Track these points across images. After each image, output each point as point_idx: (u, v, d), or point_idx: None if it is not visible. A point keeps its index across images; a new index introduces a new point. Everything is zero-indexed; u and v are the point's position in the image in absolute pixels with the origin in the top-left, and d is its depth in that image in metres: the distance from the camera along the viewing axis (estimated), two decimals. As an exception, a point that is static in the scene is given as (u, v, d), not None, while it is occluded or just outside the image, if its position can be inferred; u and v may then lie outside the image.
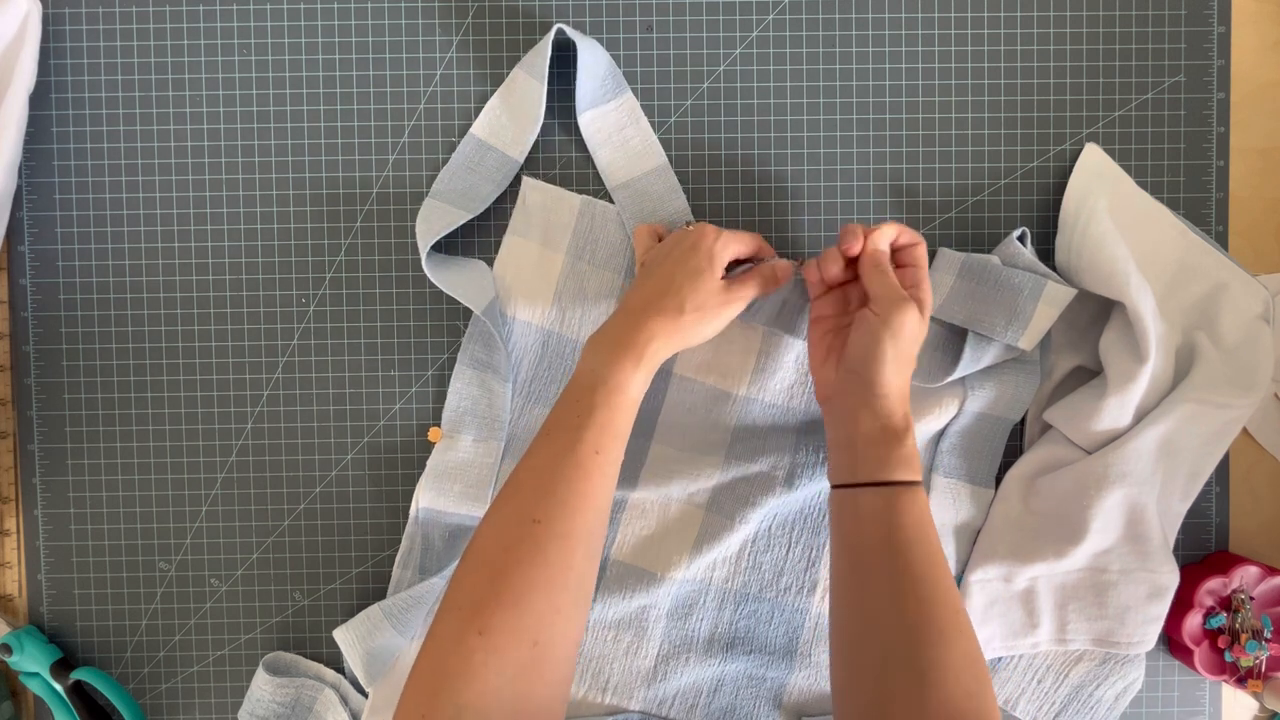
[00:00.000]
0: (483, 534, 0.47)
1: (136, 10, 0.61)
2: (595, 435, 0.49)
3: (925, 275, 0.54)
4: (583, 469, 0.48)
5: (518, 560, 0.45)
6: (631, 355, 0.51)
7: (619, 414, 0.51)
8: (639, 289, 0.54)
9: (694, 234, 0.55)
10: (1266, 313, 0.60)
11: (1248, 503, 0.63)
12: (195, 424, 0.62)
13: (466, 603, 0.44)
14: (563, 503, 0.47)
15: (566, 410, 0.51)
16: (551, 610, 0.45)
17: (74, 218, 0.62)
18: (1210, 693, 0.63)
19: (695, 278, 0.53)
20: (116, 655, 0.63)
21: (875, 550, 0.49)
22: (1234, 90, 0.61)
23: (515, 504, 0.48)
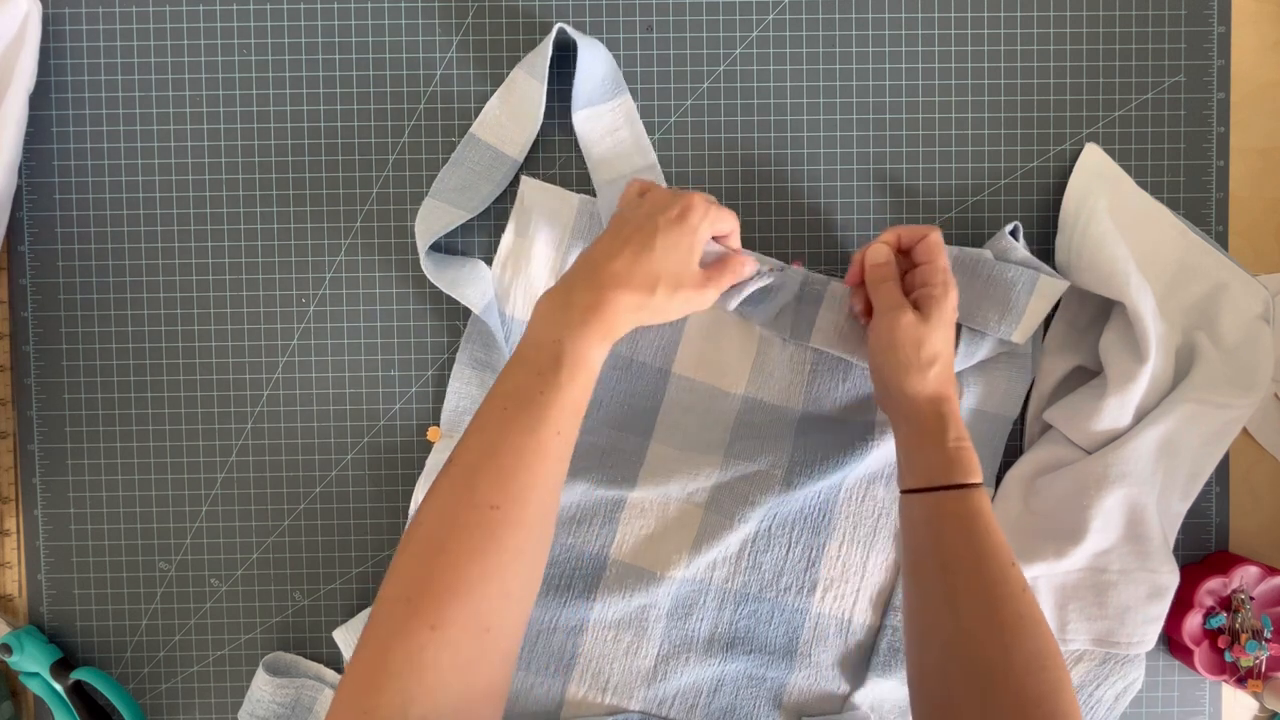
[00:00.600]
0: (431, 519, 0.44)
1: (136, 10, 0.61)
2: (558, 415, 0.46)
3: (937, 268, 0.53)
4: (543, 451, 0.45)
5: (472, 549, 0.42)
6: (600, 328, 0.48)
7: (583, 390, 0.47)
8: (611, 250, 0.50)
9: (681, 203, 0.51)
10: (1266, 313, 0.60)
11: (1248, 503, 0.63)
12: (195, 424, 0.62)
13: (415, 594, 0.41)
14: (523, 487, 0.44)
15: (527, 382, 0.46)
16: (503, 596, 0.43)
17: (74, 218, 0.62)
18: (1210, 693, 0.63)
19: (675, 255, 0.50)
20: (116, 655, 0.63)
21: (929, 554, 0.49)
22: (1234, 90, 0.61)
23: (469, 488, 0.44)
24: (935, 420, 0.51)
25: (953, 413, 0.51)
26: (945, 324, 0.52)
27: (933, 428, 0.51)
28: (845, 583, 0.61)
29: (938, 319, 0.52)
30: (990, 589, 0.47)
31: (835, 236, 0.62)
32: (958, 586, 0.47)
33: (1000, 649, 0.45)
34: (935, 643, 0.47)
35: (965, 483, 0.49)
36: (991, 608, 0.46)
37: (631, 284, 0.49)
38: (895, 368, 0.52)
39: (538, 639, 0.60)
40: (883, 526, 0.61)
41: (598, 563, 0.60)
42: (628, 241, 0.50)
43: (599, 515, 0.60)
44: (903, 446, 0.53)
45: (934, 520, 0.50)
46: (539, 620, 0.60)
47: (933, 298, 0.52)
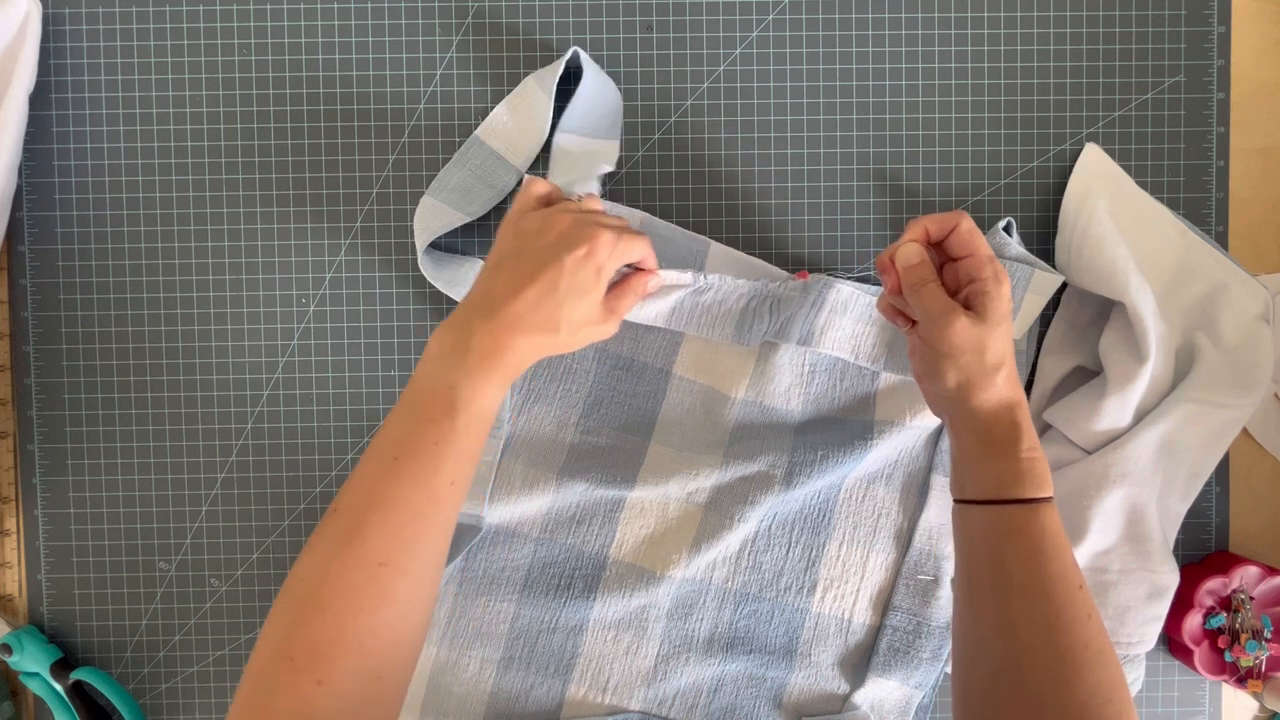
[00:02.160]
0: (314, 576, 0.42)
1: (136, 10, 0.61)
2: (453, 465, 0.44)
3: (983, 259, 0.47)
4: (436, 502, 0.43)
5: (359, 607, 0.41)
6: (498, 373, 0.46)
7: (478, 437, 0.45)
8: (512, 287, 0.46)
9: (589, 240, 0.47)
10: (1266, 313, 0.60)
11: (1248, 503, 0.63)
12: (195, 424, 0.62)
13: (300, 652, 0.40)
14: (413, 539, 0.43)
15: (419, 431, 0.44)
16: (395, 644, 0.42)
17: (74, 218, 0.62)
18: (1210, 693, 0.63)
19: (579, 295, 0.47)
20: (116, 655, 0.63)
21: (986, 571, 0.46)
22: (1234, 90, 0.62)
23: (355, 542, 0.42)
24: (1008, 429, 0.46)
25: (1025, 419, 0.47)
26: (1004, 320, 0.47)
27: (1004, 436, 0.46)
28: (845, 583, 0.61)
29: (996, 316, 0.46)
30: (1054, 615, 0.44)
31: (835, 237, 0.62)
32: (1017, 611, 0.44)
33: (1059, 680, 0.42)
34: (986, 666, 0.45)
35: (1037, 497, 0.45)
36: (1054, 636, 0.43)
37: (534, 327, 0.46)
38: (956, 378, 0.47)
39: (538, 639, 0.60)
40: (883, 526, 0.61)
41: (597, 562, 0.60)
42: (531, 280, 0.46)
43: (598, 515, 0.60)
44: (965, 455, 0.48)
45: (997, 536, 0.46)
46: (539, 620, 0.60)
47: (986, 293, 0.46)
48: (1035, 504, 0.46)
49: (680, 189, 0.62)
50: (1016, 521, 0.46)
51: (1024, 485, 0.46)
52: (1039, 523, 0.45)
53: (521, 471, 0.60)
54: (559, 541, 0.60)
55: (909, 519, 0.61)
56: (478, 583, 0.60)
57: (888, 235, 0.62)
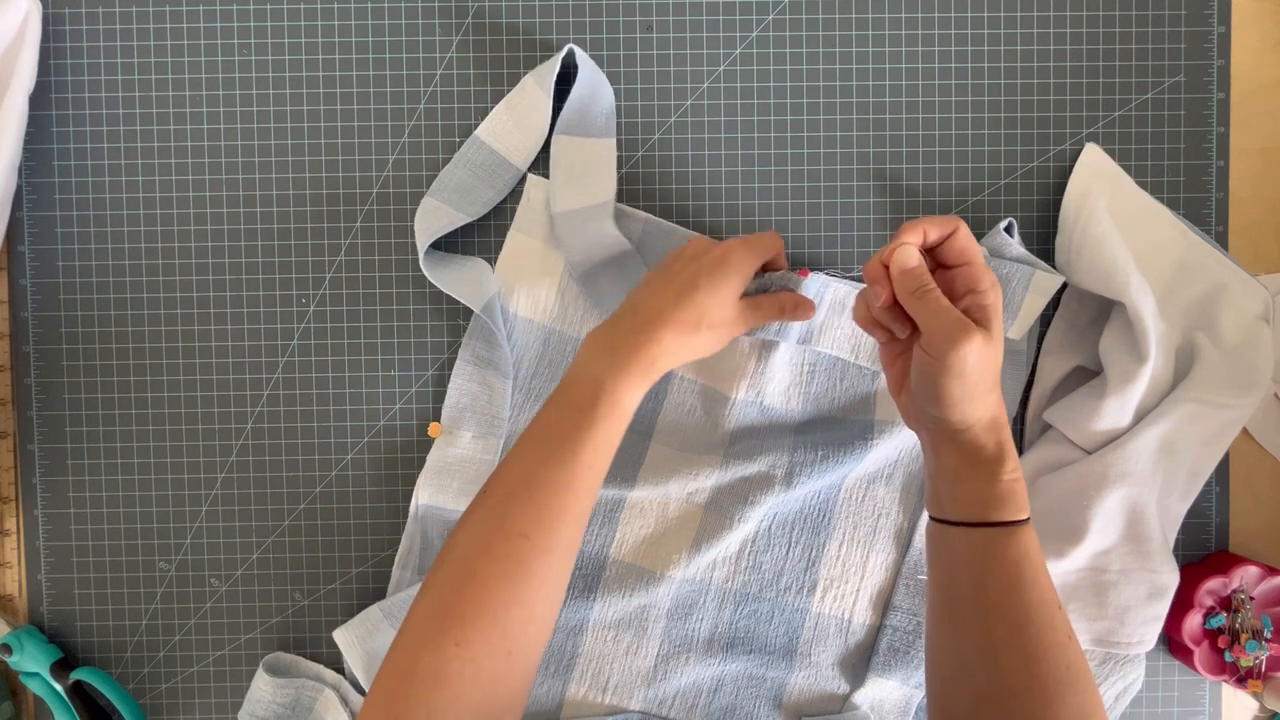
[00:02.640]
0: (465, 541, 0.46)
1: (136, 10, 0.61)
2: (592, 452, 0.47)
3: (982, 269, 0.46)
4: (575, 485, 0.47)
5: (501, 575, 0.44)
6: (639, 367, 0.49)
7: (617, 428, 0.49)
8: (655, 290, 0.52)
9: (723, 247, 0.53)
10: (1266, 313, 0.60)
11: (1248, 503, 0.63)
12: (195, 424, 0.62)
13: (445, 612, 0.43)
14: (553, 518, 0.46)
15: (564, 416, 0.48)
16: (528, 620, 0.44)
17: (74, 218, 0.62)
18: (1210, 693, 0.63)
19: (718, 292, 0.51)
20: (116, 655, 0.63)
21: (967, 595, 0.46)
22: (1234, 90, 0.61)
23: (502, 514, 0.46)
24: (995, 450, 0.46)
25: (1008, 440, 0.46)
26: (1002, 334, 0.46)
27: (990, 458, 0.46)
28: (845, 582, 0.61)
29: (1000, 332, 0.45)
30: (1036, 640, 0.44)
31: (835, 236, 0.62)
32: (1000, 638, 0.44)
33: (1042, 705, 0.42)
34: (967, 690, 0.45)
35: (1015, 519, 0.45)
36: (1036, 661, 0.43)
37: (676, 322, 0.50)
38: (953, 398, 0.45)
39: (538, 639, 0.60)
40: (883, 526, 0.61)
41: (597, 562, 0.60)
42: (670, 283, 0.52)
43: (598, 515, 0.60)
44: (945, 474, 0.47)
45: (979, 560, 0.46)
46: (539, 620, 0.60)
47: (988, 306, 0.45)
48: (1015, 526, 0.45)
49: (680, 189, 0.62)
50: (998, 545, 0.45)
51: (1006, 508, 0.45)
52: (1019, 546, 0.45)
53: (521, 471, 0.60)
54: (559, 541, 0.60)
55: (909, 519, 0.61)
56: (478, 583, 0.60)
57: (888, 235, 0.62)
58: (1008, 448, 0.46)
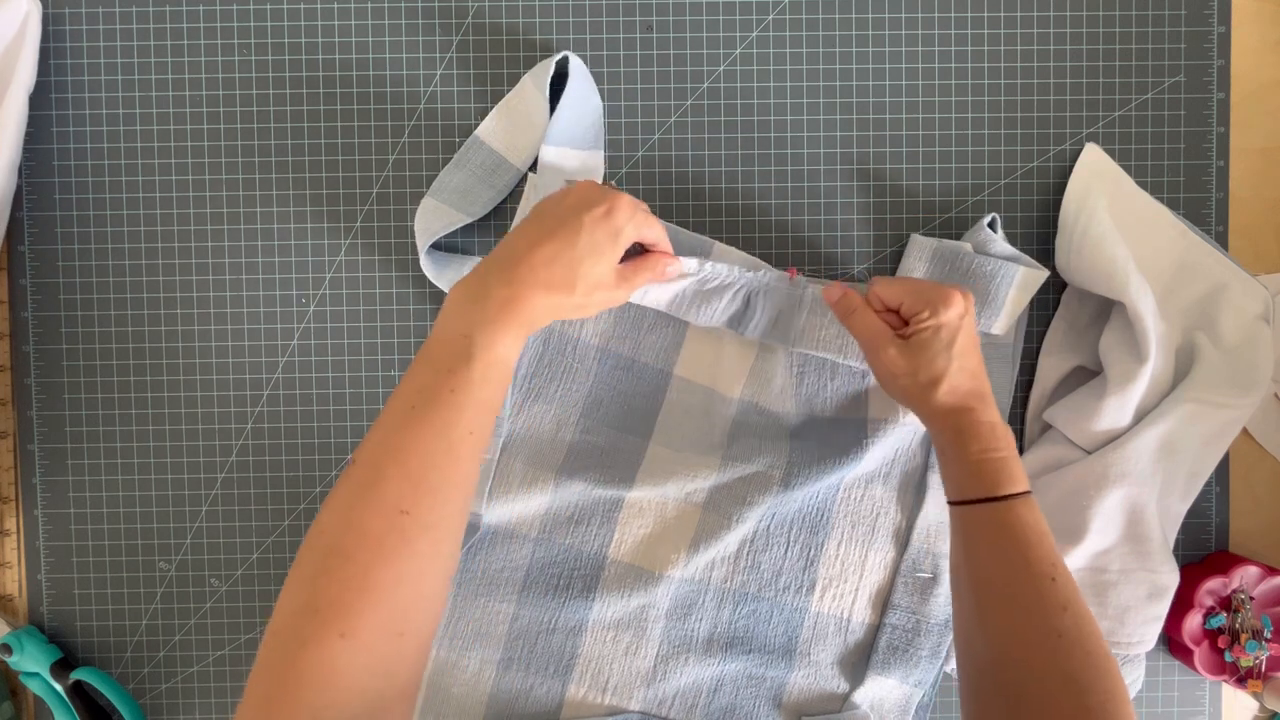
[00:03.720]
0: (335, 524, 0.42)
1: (136, 10, 0.61)
2: (471, 415, 0.44)
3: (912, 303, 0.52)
4: (455, 453, 0.43)
5: (383, 555, 0.41)
6: (514, 323, 0.46)
7: (497, 388, 0.46)
8: (533, 241, 0.48)
9: (609, 200, 0.49)
10: (1266, 313, 0.60)
11: (1248, 503, 0.63)
12: (195, 424, 0.62)
13: (323, 603, 0.40)
14: (433, 490, 0.42)
15: (437, 380, 0.44)
16: (418, 599, 0.42)
17: (74, 218, 0.62)
18: (1210, 693, 0.63)
19: (596, 255, 0.48)
20: (116, 655, 0.63)
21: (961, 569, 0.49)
22: (1234, 90, 0.61)
23: (379, 492, 0.42)
24: (954, 435, 0.50)
25: (974, 425, 0.49)
26: (942, 343, 0.50)
27: (953, 443, 0.50)
28: (844, 581, 0.61)
29: (930, 342, 0.50)
30: (1022, 609, 0.45)
31: (835, 236, 0.62)
32: (987, 606, 0.46)
33: (1031, 671, 0.43)
34: (974, 662, 0.47)
35: (991, 496, 0.47)
36: (1023, 628, 0.44)
37: (550, 283, 0.47)
38: (902, 395, 0.53)
39: (537, 639, 0.60)
40: (881, 525, 0.61)
41: (596, 563, 0.60)
42: (551, 235, 0.48)
43: (597, 515, 0.60)
44: (938, 459, 0.53)
45: (967, 535, 0.49)
46: (538, 621, 0.60)
47: (923, 327, 0.51)
48: (993, 503, 0.47)
49: (680, 189, 0.62)
50: (979, 520, 0.48)
51: (975, 486, 0.48)
52: (998, 520, 0.47)
53: (520, 470, 0.60)
54: (557, 542, 0.60)
55: (907, 517, 0.61)
56: (476, 583, 0.60)
57: (887, 235, 0.62)
58: (970, 432, 0.49)
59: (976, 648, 0.47)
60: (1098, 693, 0.42)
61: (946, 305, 0.50)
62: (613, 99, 0.61)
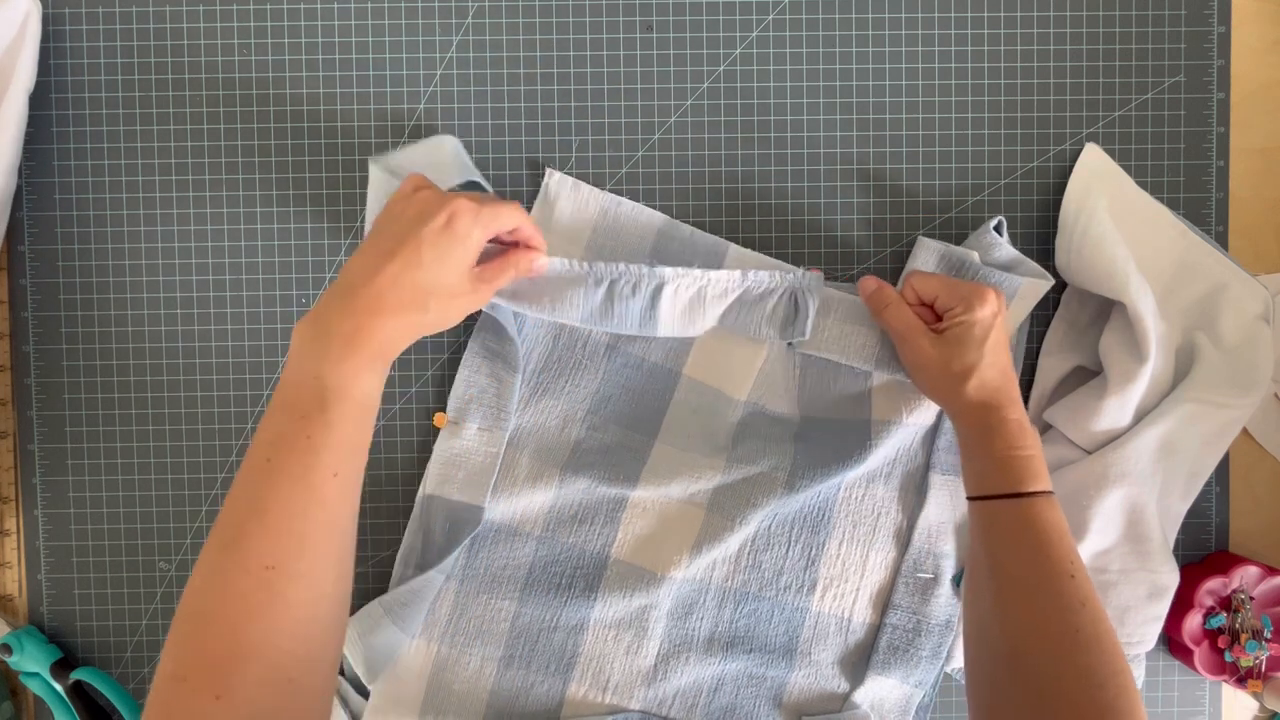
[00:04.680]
0: (200, 588, 0.41)
1: (136, 10, 0.61)
2: (332, 457, 0.42)
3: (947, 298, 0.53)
4: (319, 496, 0.42)
5: (251, 614, 0.39)
6: (367, 356, 0.44)
7: (358, 425, 0.44)
8: (371, 267, 0.45)
9: (449, 209, 0.46)
10: (1266, 313, 0.60)
11: (1248, 503, 0.63)
12: (195, 424, 0.62)
13: (191, 670, 0.39)
14: (300, 540, 0.41)
15: (291, 426, 0.42)
16: (304, 642, 0.40)
17: (74, 218, 0.62)
18: (1210, 693, 0.63)
19: (442, 267, 0.46)
20: (116, 655, 0.63)
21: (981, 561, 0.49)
22: (1234, 90, 0.62)
23: (238, 550, 0.41)
24: (981, 431, 0.50)
25: (1002, 422, 0.50)
26: (974, 339, 0.51)
27: (980, 438, 0.50)
28: (845, 581, 0.61)
29: (962, 337, 0.52)
30: (1042, 604, 0.46)
31: (835, 236, 0.62)
32: (1007, 599, 0.47)
33: (1049, 665, 0.44)
34: (986, 652, 0.48)
35: (1015, 492, 0.48)
36: (1043, 623, 0.45)
37: (399, 306, 0.45)
38: (931, 387, 0.54)
39: (538, 638, 0.60)
40: (882, 525, 0.61)
41: (599, 562, 0.60)
42: (390, 256, 0.45)
43: (600, 514, 0.60)
44: (961, 453, 0.53)
45: (987, 529, 0.49)
46: (540, 619, 0.60)
47: (958, 323, 0.52)
48: (1015, 499, 0.48)
49: (680, 189, 0.62)
50: (998, 516, 0.49)
51: (998, 482, 0.49)
52: (1020, 516, 0.48)
53: (526, 464, 0.60)
54: (560, 540, 0.60)
55: (908, 517, 0.61)
56: (479, 581, 0.60)
57: (887, 235, 0.62)
58: (999, 429, 0.50)
59: (993, 638, 0.47)
60: (1112, 688, 0.43)
61: (981, 302, 0.52)
62: (613, 99, 0.61)
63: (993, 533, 0.49)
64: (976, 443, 0.51)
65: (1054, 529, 0.48)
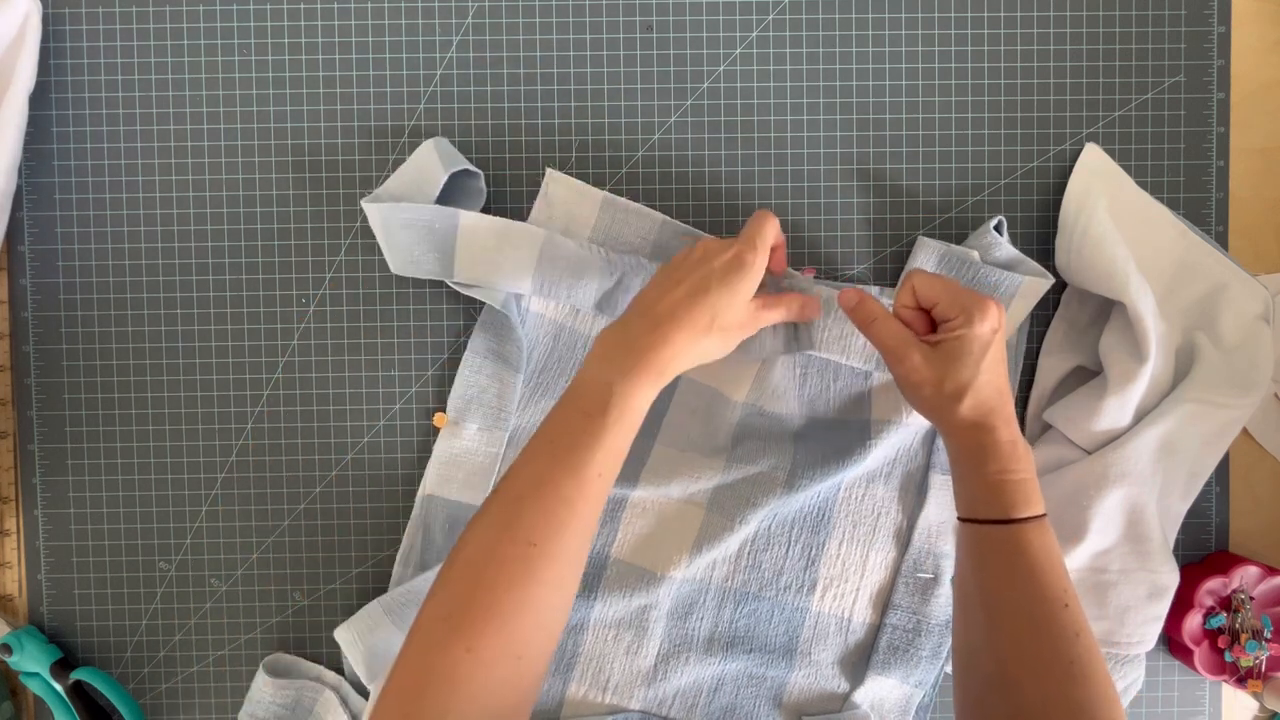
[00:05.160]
0: (474, 544, 0.45)
1: (136, 10, 0.61)
2: (601, 458, 0.47)
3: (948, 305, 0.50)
4: (584, 492, 0.46)
5: (510, 581, 0.44)
6: (651, 370, 0.48)
7: (627, 434, 0.48)
8: (664, 292, 0.50)
9: (737, 247, 0.51)
10: (1266, 313, 0.60)
11: (1248, 503, 0.63)
12: (195, 424, 0.62)
13: (454, 615, 0.43)
14: (562, 526, 0.45)
15: (575, 422, 0.48)
16: (536, 626, 0.44)
17: (74, 218, 0.62)
18: (1210, 693, 0.63)
19: (732, 293, 0.50)
20: (116, 655, 0.63)
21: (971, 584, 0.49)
22: (1234, 90, 0.61)
23: (511, 521, 0.45)
24: (974, 453, 0.49)
25: (995, 443, 0.48)
26: (972, 355, 0.49)
27: (971, 461, 0.49)
28: (845, 581, 0.61)
29: (959, 352, 0.49)
30: (1035, 632, 0.45)
31: (835, 236, 0.62)
32: (1000, 626, 0.46)
33: (1041, 694, 0.44)
34: (977, 675, 0.47)
35: (1008, 517, 0.47)
36: (1035, 652, 0.45)
37: (689, 323, 0.49)
38: (924, 405, 0.52)
39: (538, 639, 0.60)
40: (882, 525, 0.61)
41: (598, 562, 0.60)
42: (681, 284, 0.50)
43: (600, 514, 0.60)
44: (951, 472, 0.53)
45: (978, 553, 0.49)
46: (539, 620, 0.60)
47: (957, 336, 0.50)
48: (1006, 524, 0.47)
49: (680, 189, 0.62)
50: (991, 540, 0.48)
51: (990, 506, 0.48)
52: (1012, 542, 0.47)
53: (524, 468, 0.60)
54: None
55: (908, 517, 0.61)
56: (478, 583, 0.60)
57: (887, 235, 0.62)
58: (991, 450, 0.48)
59: (984, 664, 0.47)
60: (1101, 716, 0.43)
61: (982, 316, 0.49)
62: (613, 99, 0.61)
63: (983, 557, 0.48)
64: (968, 464, 0.50)
65: (1046, 556, 0.47)
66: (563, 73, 0.61)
